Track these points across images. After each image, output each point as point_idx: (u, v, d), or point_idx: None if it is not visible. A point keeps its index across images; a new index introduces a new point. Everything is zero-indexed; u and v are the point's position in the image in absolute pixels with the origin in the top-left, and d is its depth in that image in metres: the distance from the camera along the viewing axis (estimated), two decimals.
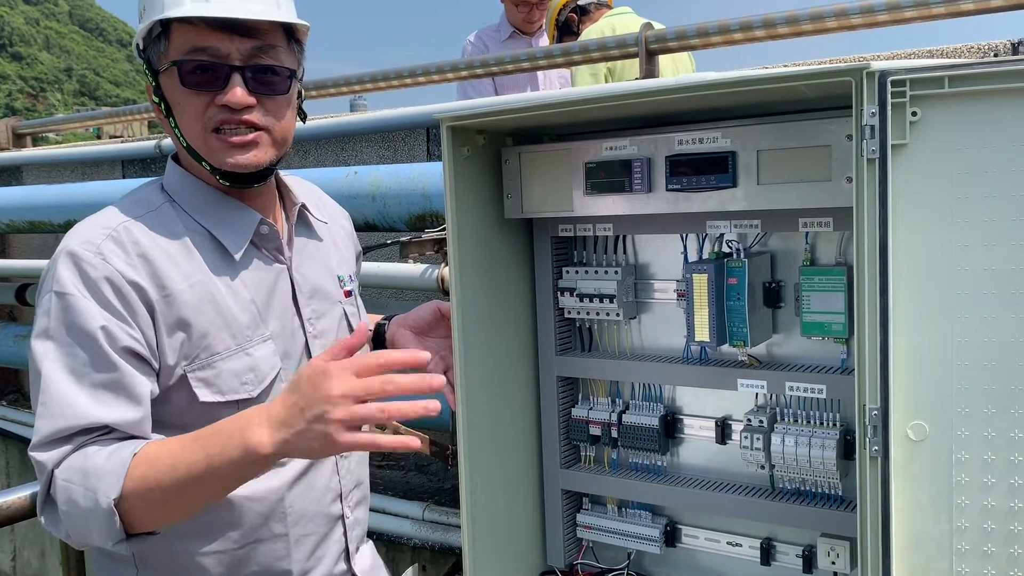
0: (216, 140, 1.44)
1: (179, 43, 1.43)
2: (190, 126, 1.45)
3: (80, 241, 1.40)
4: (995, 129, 1.21)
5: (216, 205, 1.51)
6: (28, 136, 5.37)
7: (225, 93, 1.42)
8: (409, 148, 3.42)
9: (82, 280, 1.36)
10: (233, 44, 1.42)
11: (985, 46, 2.37)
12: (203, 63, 1.42)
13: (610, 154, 1.70)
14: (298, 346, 1.54)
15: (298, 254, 1.59)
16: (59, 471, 1.29)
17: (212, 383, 1.42)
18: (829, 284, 1.60)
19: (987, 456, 1.26)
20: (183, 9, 1.40)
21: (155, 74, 1.47)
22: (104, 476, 1.26)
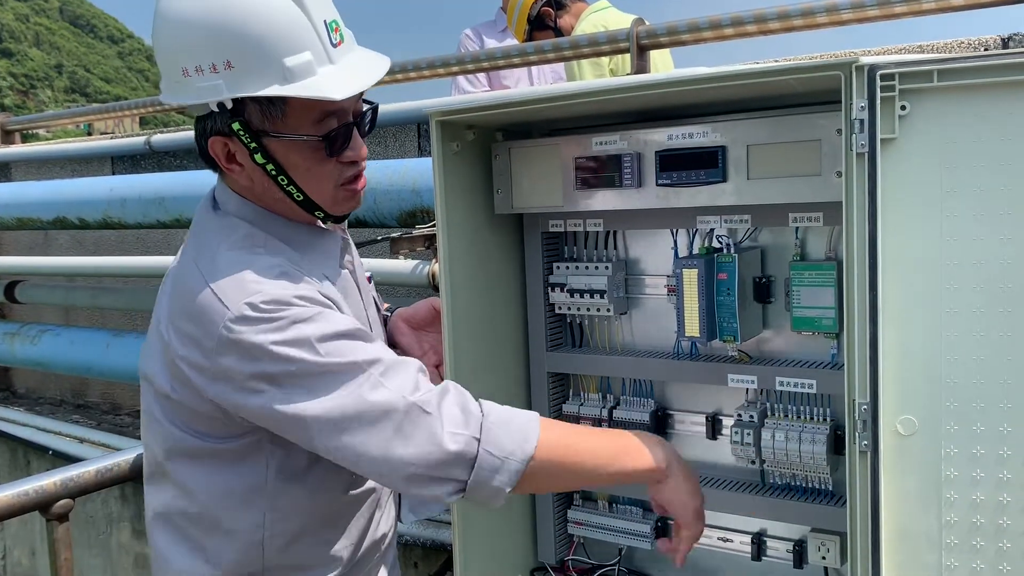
0: (343, 192, 1.46)
1: (306, 112, 1.37)
2: (321, 186, 1.43)
3: (267, 285, 1.33)
4: (984, 123, 1.21)
5: (303, 234, 1.49)
6: (17, 132, 5.34)
7: (353, 150, 1.43)
8: (400, 143, 3.41)
9: (308, 300, 1.33)
10: (351, 101, 1.41)
11: (975, 41, 2.38)
12: (340, 131, 1.40)
13: (600, 149, 1.70)
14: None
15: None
16: (487, 414, 1.35)
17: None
18: (819, 279, 1.60)
19: (976, 450, 1.26)
20: (324, 83, 1.34)
21: (257, 135, 1.37)
22: (525, 429, 1.36)
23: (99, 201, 3.74)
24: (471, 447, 1.32)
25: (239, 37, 1.31)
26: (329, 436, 1.31)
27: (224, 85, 1.33)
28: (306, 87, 1.33)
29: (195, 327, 1.34)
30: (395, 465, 1.31)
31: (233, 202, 1.46)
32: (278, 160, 1.39)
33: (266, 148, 1.38)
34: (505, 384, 1.88)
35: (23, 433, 4.41)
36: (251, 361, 1.30)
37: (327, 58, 1.36)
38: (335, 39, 1.38)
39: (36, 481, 1.85)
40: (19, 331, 4.46)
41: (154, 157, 4.27)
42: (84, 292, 4.43)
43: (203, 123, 1.41)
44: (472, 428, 1.33)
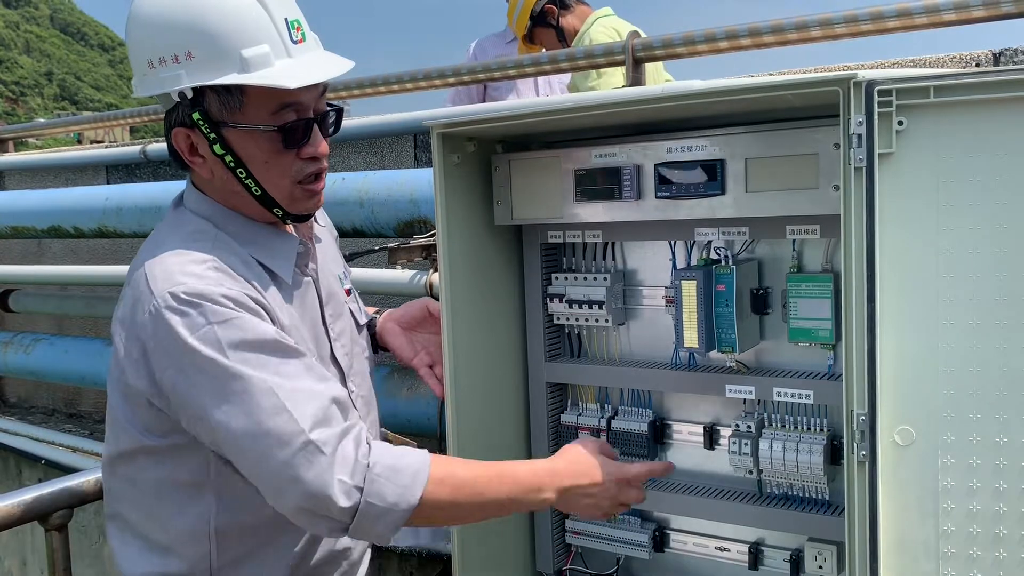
0: (301, 191, 1.47)
1: (266, 103, 1.40)
2: (278, 181, 1.45)
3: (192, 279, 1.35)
4: (979, 138, 1.24)
5: (259, 234, 1.50)
6: (10, 141, 5.33)
7: (312, 145, 1.44)
8: (397, 154, 3.42)
9: (232, 301, 1.35)
10: (311, 97, 1.43)
11: (967, 56, 2.41)
12: (297, 123, 1.42)
13: (600, 161, 1.71)
14: (326, 351, 1.57)
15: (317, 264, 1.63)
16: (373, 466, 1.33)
17: None
18: (816, 291, 1.62)
19: (972, 461, 1.28)
20: (278, 73, 1.37)
21: (215, 125, 1.41)
22: (411, 478, 1.35)
23: (94, 210, 3.73)
24: (353, 497, 1.31)
25: (198, 28, 1.37)
26: (227, 443, 1.34)
27: (184, 74, 1.39)
28: (261, 76, 1.37)
29: (129, 313, 1.39)
30: (281, 492, 1.32)
31: (193, 198, 1.51)
32: (236, 151, 1.43)
33: (225, 139, 1.42)
34: (504, 394, 1.89)
35: (15, 443, 4.38)
36: (164, 349, 1.34)
37: (285, 52, 1.41)
38: (296, 36, 1.43)
39: (34, 491, 1.85)
40: (12, 340, 4.43)
41: (149, 166, 4.26)
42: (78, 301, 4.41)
43: (169, 117, 1.46)
44: (357, 479, 1.32)
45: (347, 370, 1.61)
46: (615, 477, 1.53)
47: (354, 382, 1.63)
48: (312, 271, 1.58)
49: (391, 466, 1.35)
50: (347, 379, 1.61)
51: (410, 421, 2.84)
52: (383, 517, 1.33)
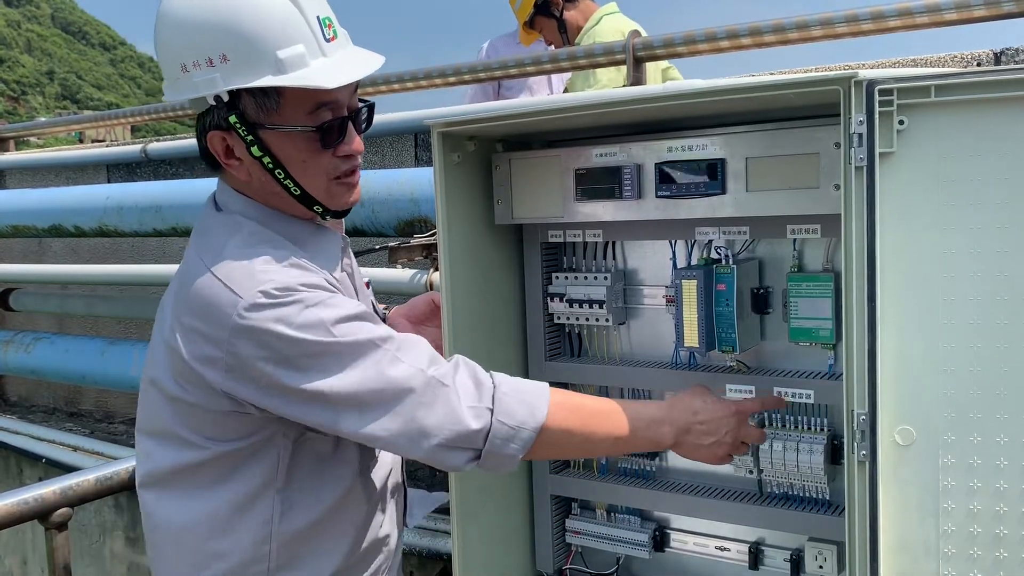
0: (338, 186, 1.47)
1: (303, 103, 1.39)
2: (315, 179, 1.44)
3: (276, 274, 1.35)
4: (980, 138, 1.23)
5: (305, 232, 1.50)
6: (11, 140, 5.33)
7: (347, 143, 1.44)
8: (397, 153, 3.42)
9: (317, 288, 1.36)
10: (345, 95, 1.43)
11: (968, 55, 2.41)
12: (334, 123, 1.41)
13: (600, 161, 1.71)
14: None
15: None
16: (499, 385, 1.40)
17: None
18: (816, 290, 1.62)
19: (973, 460, 1.28)
20: (315, 73, 1.36)
21: (252, 127, 1.39)
22: (536, 398, 1.42)
23: (95, 209, 3.73)
24: (484, 418, 1.38)
25: (233, 31, 1.35)
26: (352, 413, 1.35)
27: (220, 78, 1.36)
28: (298, 77, 1.36)
29: (204, 321, 1.35)
30: (415, 437, 1.36)
31: (236, 201, 1.49)
32: (274, 152, 1.41)
33: (262, 141, 1.41)
34: None
35: (15, 441, 4.39)
36: (267, 347, 1.32)
37: (320, 51, 1.39)
38: (328, 34, 1.41)
39: (36, 490, 1.85)
40: (13, 339, 4.44)
41: (150, 165, 4.27)
42: (78, 300, 4.42)
43: (203, 120, 1.44)
44: (485, 399, 1.39)
45: None
46: (733, 410, 1.54)
47: None
48: (348, 266, 1.59)
49: (515, 387, 1.42)
50: None
51: None
52: (513, 439, 1.38)
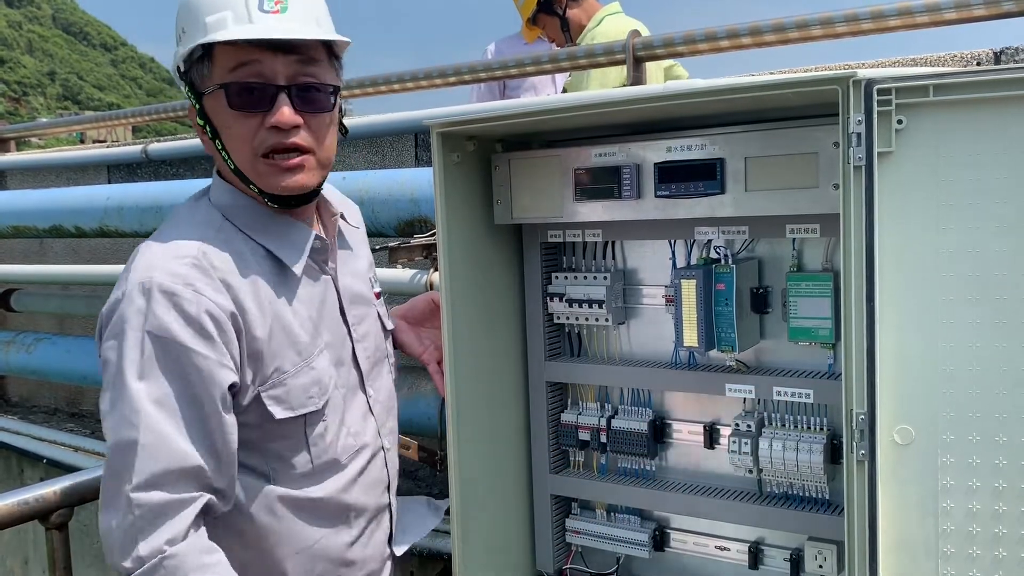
0: (265, 165, 1.44)
1: (223, 64, 1.42)
2: (239, 149, 1.45)
3: (166, 274, 1.37)
4: (979, 137, 1.23)
5: (271, 223, 1.51)
6: (12, 140, 5.33)
7: (273, 114, 1.41)
8: (397, 153, 3.42)
9: (182, 318, 1.35)
10: (277, 61, 1.41)
11: (968, 55, 2.40)
12: (250, 84, 1.41)
13: (600, 160, 1.71)
14: (347, 352, 1.58)
15: (340, 263, 1.62)
16: (168, 559, 1.30)
17: (284, 400, 1.46)
18: (816, 290, 1.62)
19: (972, 460, 1.28)
20: (227, 32, 1.39)
21: (199, 96, 1.46)
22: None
23: (96, 209, 3.73)
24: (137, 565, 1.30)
25: (185, 5, 1.45)
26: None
27: (180, 50, 1.46)
28: (208, 37, 1.39)
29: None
30: (101, 507, 1.35)
31: (214, 186, 1.54)
32: (210, 118, 1.46)
33: (204, 108, 1.46)
34: (504, 393, 1.89)
35: (16, 442, 4.39)
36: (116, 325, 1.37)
37: (247, 18, 1.41)
38: (268, 6, 1.42)
39: (36, 490, 1.85)
40: (14, 339, 4.44)
41: (150, 166, 4.27)
42: (79, 301, 4.41)
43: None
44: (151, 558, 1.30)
45: (367, 374, 1.62)
46: None
47: (373, 387, 1.64)
48: (332, 270, 1.58)
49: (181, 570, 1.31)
50: (366, 383, 1.62)
51: (411, 421, 2.84)
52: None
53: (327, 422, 1.52)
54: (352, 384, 1.59)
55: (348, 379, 1.58)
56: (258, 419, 1.45)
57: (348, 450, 1.56)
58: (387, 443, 1.66)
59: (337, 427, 1.54)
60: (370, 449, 1.61)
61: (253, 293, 1.43)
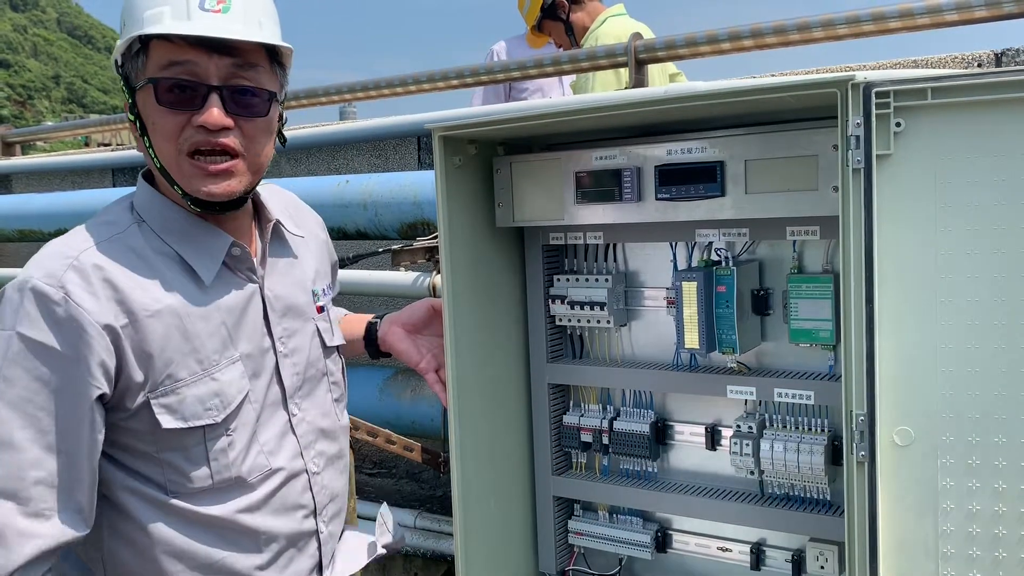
0: (191, 166, 1.39)
1: (157, 59, 1.38)
2: (164, 146, 1.40)
3: (43, 274, 1.33)
4: (978, 139, 1.24)
5: (188, 227, 1.45)
6: (17, 144, 5.36)
7: (201, 113, 1.37)
8: (400, 157, 3.43)
9: (50, 321, 1.30)
10: (212, 62, 1.37)
11: (969, 56, 2.41)
12: (180, 81, 1.37)
13: (600, 163, 1.72)
14: (268, 366, 1.50)
15: (271, 272, 1.55)
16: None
17: (175, 409, 1.39)
18: (817, 292, 1.62)
19: (971, 461, 1.28)
20: (163, 26, 1.35)
21: (132, 91, 1.42)
22: None
23: None
24: None
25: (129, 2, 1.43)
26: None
27: (119, 44, 1.43)
28: (140, 28, 1.37)
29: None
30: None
31: (139, 185, 1.50)
32: (140, 114, 1.42)
33: (136, 103, 1.42)
34: (506, 395, 1.90)
35: None
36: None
37: (186, 15, 1.37)
38: (209, 5, 1.38)
39: None
40: None
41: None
42: None
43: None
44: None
45: (291, 391, 1.53)
46: None
47: (299, 405, 1.55)
48: (258, 279, 1.51)
49: None
50: (288, 401, 1.53)
51: (414, 423, 2.86)
52: None
53: (232, 437, 1.43)
54: (272, 400, 1.50)
55: (267, 395, 1.49)
56: (148, 427, 1.38)
57: (258, 470, 1.47)
58: (314, 466, 1.56)
59: (246, 444, 1.45)
60: (285, 472, 1.50)
61: (147, 296, 1.37)
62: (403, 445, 2.59)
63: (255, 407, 1.47)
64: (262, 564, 1.48)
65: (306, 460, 1.54)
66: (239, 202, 1.46)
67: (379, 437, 2.53)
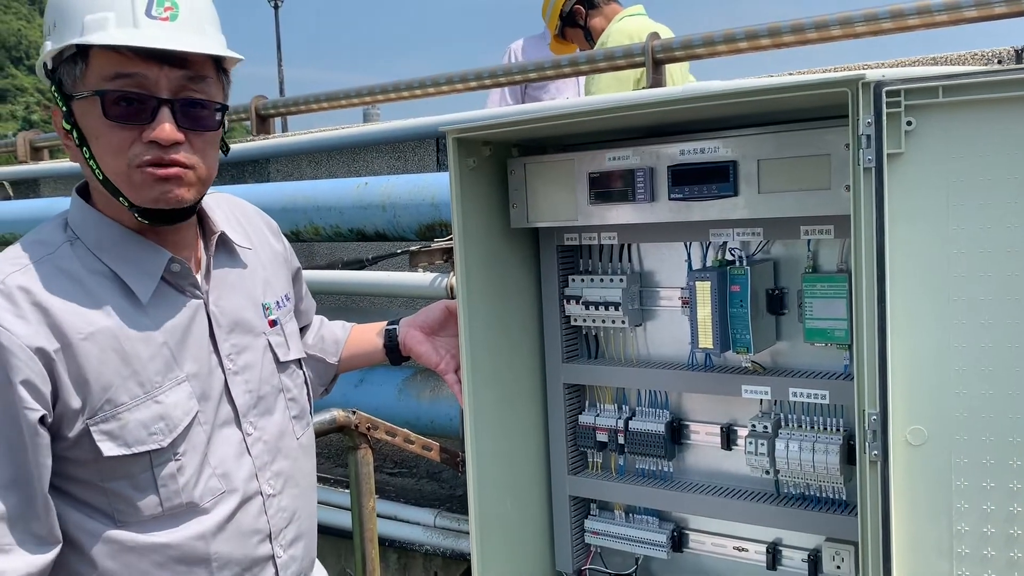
0: (141, 174, 1.32)
1: (100, 69, 1.31)
2: (112, 161, 1.33)
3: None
4: (989, 137, 1.23)
5: (123, 244, 1.38)
6: (46, 149, 5.44)
7: (153, 128, 1.31)
8: (419, 158, 3.46)
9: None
10: (163, 74, 1.31)
11: (988, 53, 2.38)
12: (129, 94, 1.30)
13: (613, 164, 1.72)
14: (217, 385, 1.44)
15: (217, 287, 1.48)
16: None
17: (117, 435, 1.32)
18: (831, 291, 1.62)
19: (985, 460, 1.27)
20: (107, 34, 1.28)
21: (67, 99, 1.34)
22: None
23: None
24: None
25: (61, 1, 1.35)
26: None
27: (49, 45, 1.35)
28: (83, 39, 1.29)
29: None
30: None
31: (73, 199, 1.42)
32: (79, 125, 1.34)
33: (73, 113, 1.34)
34: (521, 396, 1.91)
35: None
36: None
37: (132, 23, 1.30)
38: (156, 12, 1.32)
39: None
40: None
41: None
42: None
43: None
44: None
45: (244, 409, 1.47)
46: None
47: (253, 424, 1.48)
48: (202, 294, 1.45)
49: None
50: (242, 419, 1.46)
51: (433, 422, 2.88)
52: None
53: (182, 461, 1.37)
54: (223, 420, 1.44)
55: (217, 415, 1.43)
56: (90, 455, 1.32)
57: (211, 493, 1.40)
58: (270, 488, 1.49)
59: (197, 467, 1.39)
60: (240, 494, 1.44)
61: (81, 319, 1.31)
62: (422, 445, 2.61)
63: (205, 428, 1.41)
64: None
65: (261, 481, 1.47)
66: (187, 212, 1.41)
67: (398, 437, 2.55)
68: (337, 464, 3.57)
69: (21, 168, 5.17)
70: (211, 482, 1.41)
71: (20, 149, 5.37)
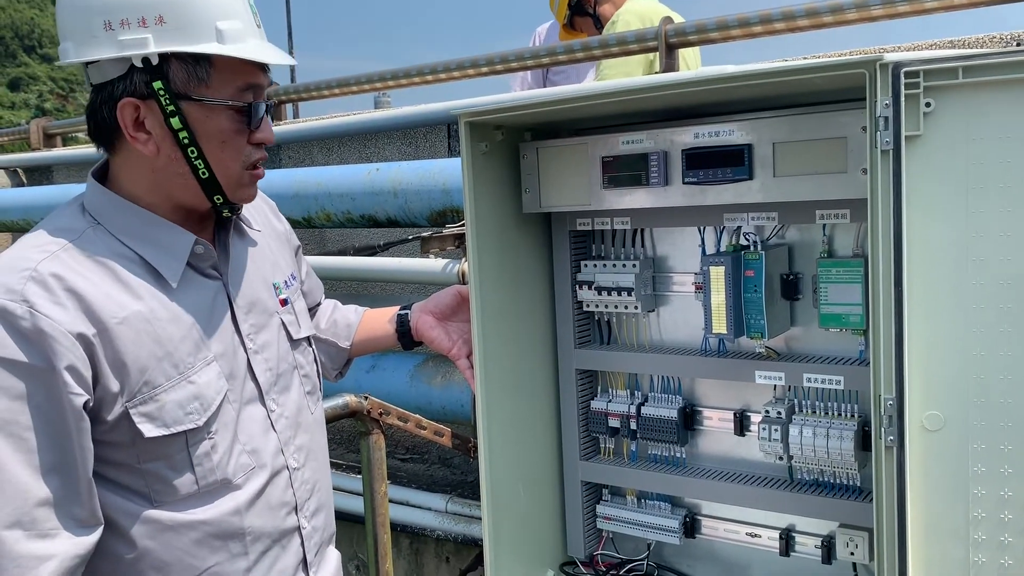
0: (249, 176, 1.43)
1: (232, 78, 1.36)
2: (232, 164, 1.40)
3: (1, 291, 1.25)
4: (1009, 119, 1.22)
5: (148, 227, 1.40)
6: (58, 136, 5.46)
7: (263, 131, 1.42)
8: (431, 144, 3.45)
9: (19, 337, 1.24)
10: (267, 81, 1.43)
11: (1008, 36, 2.35)
12: (259, 103, 1.41)
13: (627, 148, 1.71)
14: (241, 364, 1.46)
15: (233, 268, 1.50)
16: None
17: (156, 417, 1.34)
18: (847, 276, 1.61)
19: (1003, 446, 1.26)
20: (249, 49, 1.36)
21: (177, 97, 1.34)
22: None
23: None
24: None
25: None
26: None
27: (152, 39, 1.32)
28: (240, 49, 1.34)
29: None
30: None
31: (91, 189, 1.42)
32: (193, 127, 1.36)
33: (183, 113, 1.35)
34: (534, 381, 1.90)
35: None
36: None
37: (256, 33, 1.40)
38: (257, 20, 1.42)
39: None
40: None
41: None
42: None
43: (111, 87, 1.35)
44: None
45: (267, 387, 1.50)
46: None
47: (276, 401, 1.51)
48: (222, 276, 1.47)
49: None
50: (265, 397, 1.49)
51: (444, 408, 2.88)
52: None
53: (215, 440, 1.40)
54: (248, 398, 1.47)
55: (243, 393, 1.46)
56: (129, 437, 1.33)
57: (243, 469, 1.43)
58: (294, 462, 1.53)
59: (229, 445, 1.42)
60: (269, 469, 1.47)
61: (114, 303, 1.31)
62: (433, 430, 2.61)
63: (234, 406, 1.43)
64: (247, 567, 1.45)
65: (286, 456, 1.51)
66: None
67: (410, 422, 2.55)
68: (349, 450, 3.58)
69: (34, 155, 5.19)
70: (242, 459, 1.44)
71: (33, 136, 5.38)
